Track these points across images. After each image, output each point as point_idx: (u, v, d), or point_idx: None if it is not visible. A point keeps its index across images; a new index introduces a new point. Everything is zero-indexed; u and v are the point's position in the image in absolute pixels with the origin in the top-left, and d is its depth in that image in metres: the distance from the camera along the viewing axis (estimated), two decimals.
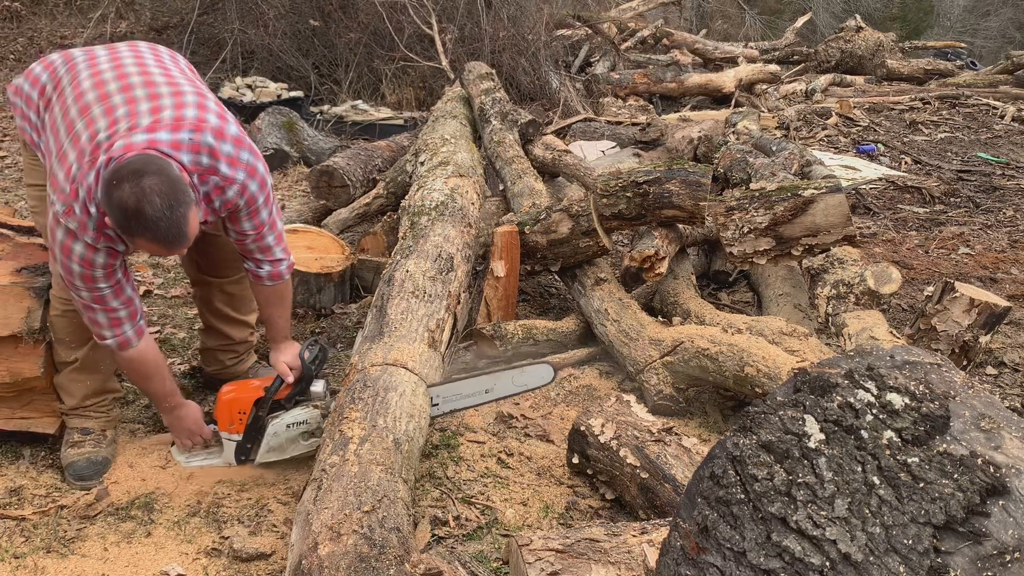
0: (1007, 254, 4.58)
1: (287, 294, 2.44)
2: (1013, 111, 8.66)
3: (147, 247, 1.96)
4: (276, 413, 2.35)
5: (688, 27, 14.96)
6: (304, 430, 2.34)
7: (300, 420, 2.34)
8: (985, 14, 23.09)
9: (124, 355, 2.19)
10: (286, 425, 2.33)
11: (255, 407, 2.33)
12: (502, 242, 3.22)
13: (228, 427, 2.36)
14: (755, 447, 1.05)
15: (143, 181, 1.84)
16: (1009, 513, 0.88)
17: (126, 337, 2.15)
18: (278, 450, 2.35)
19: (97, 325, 2.12)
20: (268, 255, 2.30)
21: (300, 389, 2.36)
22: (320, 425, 2.33)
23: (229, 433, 2.36)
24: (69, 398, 2.37)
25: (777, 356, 2.57)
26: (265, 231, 2.24)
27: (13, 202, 4.68)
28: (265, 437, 2.34)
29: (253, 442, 2.36)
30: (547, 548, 1.63)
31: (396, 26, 7.60)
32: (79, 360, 2.32)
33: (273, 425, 2.33)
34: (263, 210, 2.21)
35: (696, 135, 5.65)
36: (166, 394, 2.31)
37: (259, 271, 2.33)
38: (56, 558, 1.97)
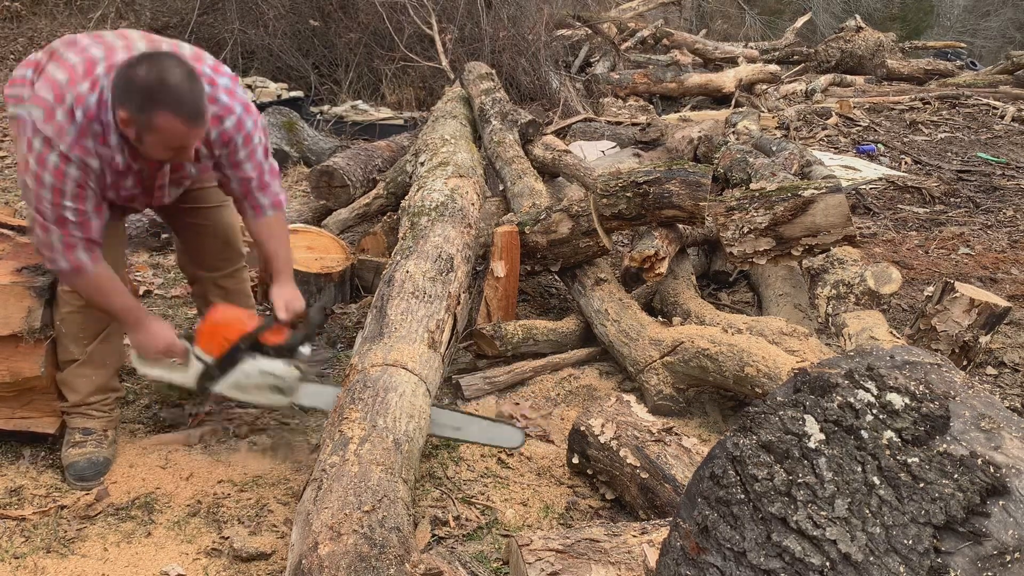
0: (1007, 254, 4.58)
1: (285, 227, 2.41)
2: (1013, 111, 8.66)
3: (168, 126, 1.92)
4: (254, 354, 2.23)
5: (688, 27, 14.96)
6: (274, 383, 2.25)
7: (275, 373, 2.24)
8: (985, 14, 23.08)
9: (80, 280, 2.12)
10: (260, 371, 2.23)
11: (240, 339, 2.22)
12: (502, 242, 3.22)
13: (207, 347, 2.24)
14: (755, 447, 1.05)
15: (161, 59, 1.91)
16: (1009, 513, 0.88)
17: (80, 262, 2.08)
18: (241, 390, 2.25)
19: (50, 249, 2.05)
20: (267, 193, 2.30)
21: (291, 343, 2.26)
22: (293, 387, 2.26)
23: (204, 352, 2.24)
24: (73, 394, 2.35)
25: (777, 356, 2.57)
26: (265, 171, 2.27)
27: (13, 202, 4.68)
28: (235, 372, 2.23)
29: (223, 372, 2.24)
30: (547, 548, 1.63)
31: (396, 26, 7.60)
32: (87, 355, 2.33)
33: (248, 364, 2.22)
34: (259, 149, 2.23)
35: (696, 135, 5.65)
36: (130, 308, 2.21)
37: (256, 203, 2.31)
38: (56, 558, 1.97)
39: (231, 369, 2.23)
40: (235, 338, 2.22)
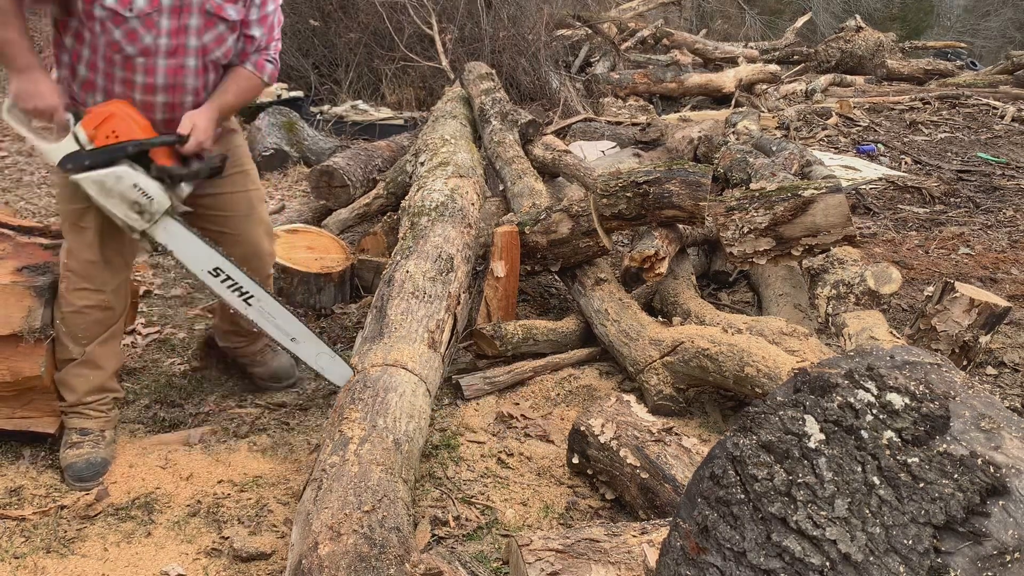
0: (1007, 254, 4.58)
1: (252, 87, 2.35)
2: (1013, 111, 8.66)
3: None
4: (135, 165, 2.10)
5: (688, 27, 14.96)
6: (139, 202, 2.10)
7: (148, 192, 2.10)
8: (985, 14, 23.08)
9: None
10: (132, 184, 2.09)
11: (129, 142, 2.08)
12: (502, 242, 3.22)
13: (91, 131, 2.07)
14: (755, 447, 1.05)
15: None
16: (1009, 513, 0.88)
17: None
18: (102, 192, 2.09)
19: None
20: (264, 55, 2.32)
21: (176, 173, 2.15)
22: (155, 215, 2.13)
23: (85, 136, 2.08)
24: (70, 393, 2.35)
25: (777, 356, 2.57)
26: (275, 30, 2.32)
27: (13, 202, 4.69)
28: (108, 170, 2.07)
29: (95, 164, 2.08)
30: (547, 548, 1.63)
31: (396, 26, 7.60)
32: (85, 355, 2.32)
33: (121, 170, 2.08)
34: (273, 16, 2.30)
35: (696, 135, 5.65)
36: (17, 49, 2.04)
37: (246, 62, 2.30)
38: (56, 558, 1.97)
39: (104, 166, 2.08)
40: (125, 138, 2.08)
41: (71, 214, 2.25)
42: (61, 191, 2.29)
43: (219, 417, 2.68)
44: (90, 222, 2.23)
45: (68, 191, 2.20)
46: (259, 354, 2.85)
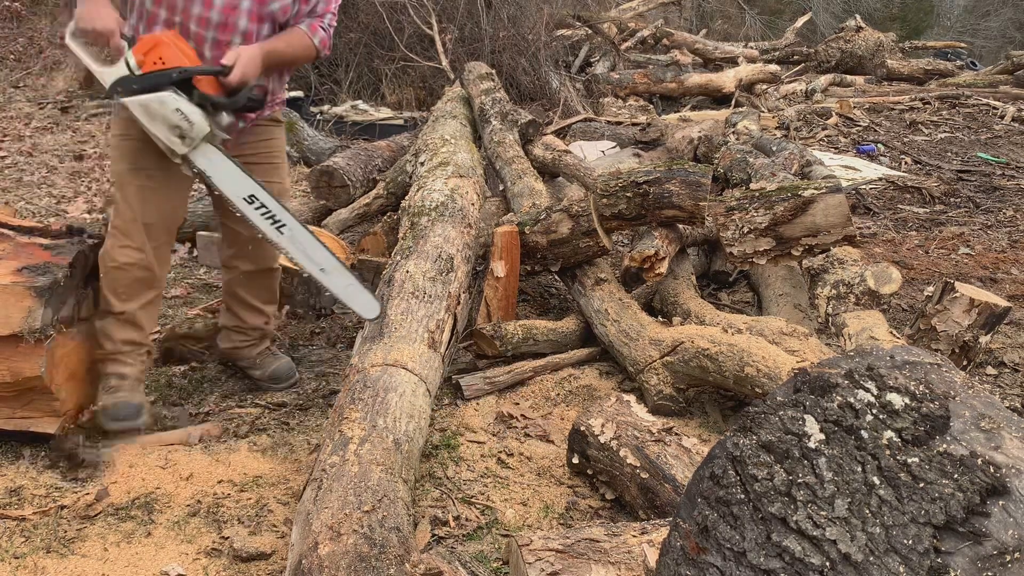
0: (1007, 254, 4.58)
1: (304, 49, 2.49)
2: (1013, 111, 8.66)
3: None
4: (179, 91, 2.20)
5: (688, 27, 14.96)
6: (180, 126, 2.21)
7: (190, 118, 2.21)
8: (985, 14, 23.09)
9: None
10: (176, 108, 2.20)
11: (176, 70, 2.19)
12: (502, 242, 3.22)
13: (139, 56, 2.20)
14: (755, 447, 1.05)
15: None
16: (1009, 513, 0.88)
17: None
18: (147, 115, 2.22)
19: None
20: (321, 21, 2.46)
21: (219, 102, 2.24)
22: (195, 140, 2.24)
23: (135, 61, 2.20)
24: (109, 342, 2.50)
25: (777, 356, 2.57)
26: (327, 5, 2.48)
27: (13, 202, 4.69)
28: (151, 96, 2.19)
29: (142, 88, 2.19)
30: (547, 548, 1.63)
31: (396, 26, 7.61)
32: (126, 314, 2.48)
33: (168, 95, 2.19)
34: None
35: (696, 135, 5.65)
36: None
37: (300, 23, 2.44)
38: (56, 558, 1.97)
39: (149, 91, 2.19)
40: (170, 64, 2.19)
41: (119, 173, 2.45)
42: (113, 151, 2.49)
43: (219, 417, 2.68)
44: (133, 180, 2.42)
45: (119, 151, 2.42)
46: (259, 357, 2.88)
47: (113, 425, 2.41)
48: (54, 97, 7.22)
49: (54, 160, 5.67)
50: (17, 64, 8.03)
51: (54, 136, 6.25)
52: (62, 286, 2.32)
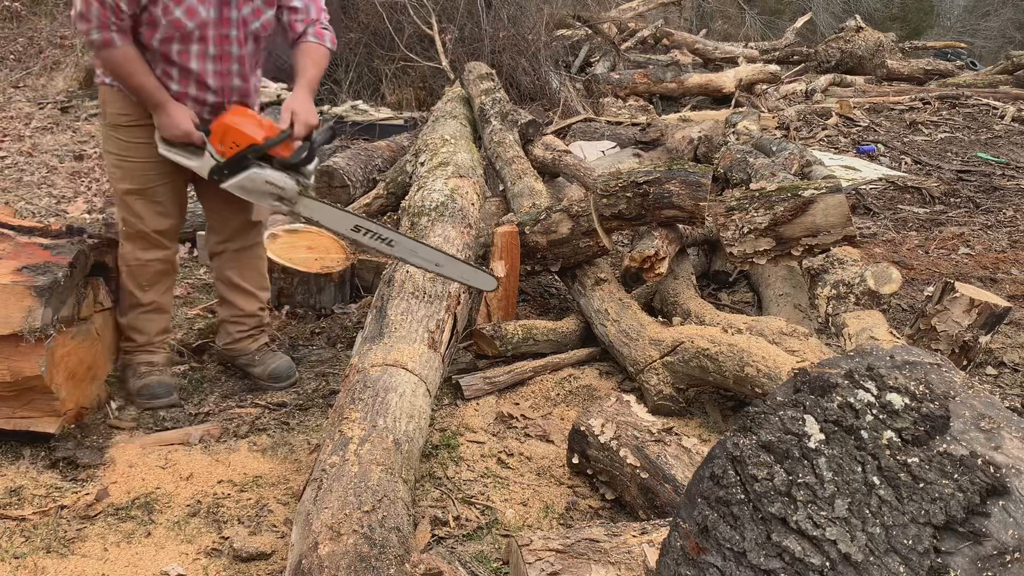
0: (1007, 254, 4.58)
1: (324, 60, 2.63)
2: (1013, 111, 8.66)
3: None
4: (263, 164, 2.42)
5: (688, 27, 14.96)
6: (275, 192, 2.45)
7: (279, 184, 2.43)
8: (985, 14, 23.09)
9: (109, 53, 2.38)
10: (264, 180, 2.42)
11: (248, 149, 2.39)
12: (502, 242, 3.22)
13: (218, 146, 2.43)
14: (755, 447, 1.05)
15: None
16: (1009, 513, 0.88)
17: (111, 37, 2.34)
18: (246, 192, 2.46)
19: (87, 21, 2.32)
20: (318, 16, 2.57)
21: (296, 159, 2.44)
22: (293, 198, 2.47)
23: (215, 151, 2.43)
24: (140, 335, 2.72)
25: (777, 356, 2.57)
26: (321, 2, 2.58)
27: (13, 202, 4.69)
28: (242, 175, 2.42)
29: (231, 172, 2.43)
30: (547, 548, 1.63)
31: (396, 26, 7.60)
32: (155, 302, 2.71)
33: (255, 172, 2.41)
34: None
35: (696, 135, 5.65)
36: (154, 88, 2.43)
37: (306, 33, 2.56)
38: (56, 558, 1.97)
39: (238, 173, 2.43)
40: (244, 146, 2.40)
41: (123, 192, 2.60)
42: (115, 171, 2.61)
43: (219, 417, 2.68)
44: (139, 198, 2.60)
45: (121, 172, 2.58)
46: (258, 353, 2.90)
47: (150, 404, 2.65)
48: (54, 97, 7.22)
49: (54, 160, 5.67)
50: (17, 64, 8.04)
51: (54, 136, 6.25)
52: (62, 286, 2.32)
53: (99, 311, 2.64)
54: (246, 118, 2.46)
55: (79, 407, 2.49)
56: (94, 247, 2.56)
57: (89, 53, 7.80)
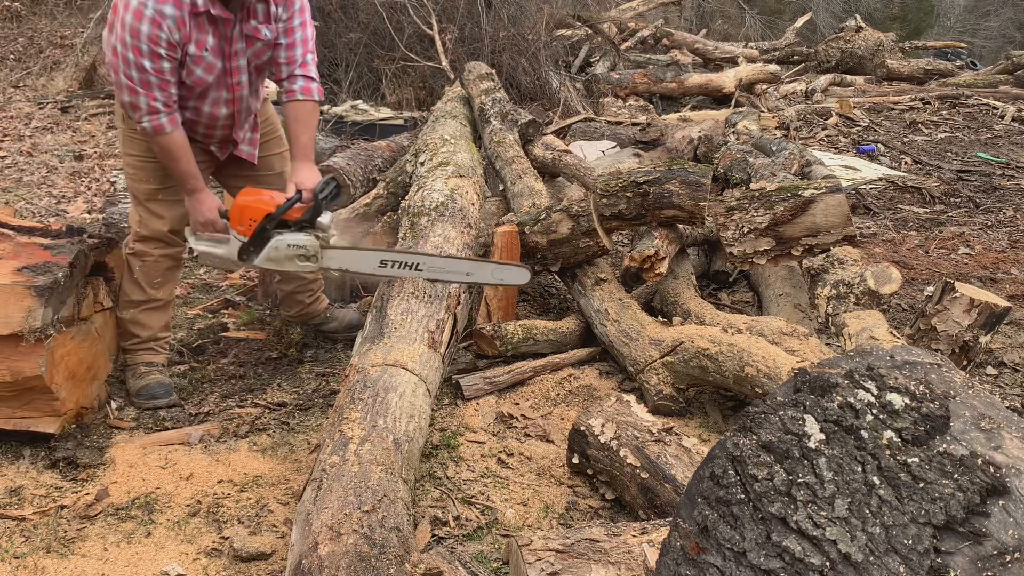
0: (1007, 254, 4.58)
1: (313, 116, 2.73)
2: (1013, 111, 8.66)
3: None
4: (281, 231, 2.57)
5: (688, 27, 14.96)
6: (301, 253, 2.58)
7: (300, 244, 2.57)
8: (985, 14, 23.09)
9: (158, 139, 2.51)
10: (287, 244, 2.56)
11: (264, 220, 2.54)
12: (502, 242, 3.22)
13: (238, 228, 2.59)
14: (755, 447, 1.05)
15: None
16: (1009, 513, 0.88)
17: (161, 124, 2.47)
18: (275, 262, 2.60)
19: (137, 111, 2.45)
20: (305, 69, 2.65)
21: (309, 216, 2.56)
22: (316, 253, 2.60)
23: (237, 233, 2.59)
24: (144, 330, 2.77)
25: (777, 356, 2.57)
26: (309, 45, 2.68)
27: (13, 202, 4.69)
28: (266, 248, 2.56)
29: (256, 248, 2.58)
30: (547, 548, 1.63)
31: (396, 26, 7.60)
32: (161, 300, 2.78)
33: (276, 240, 2.56)
34: (308, 28, 2.68)
35: (696, 135, 5.65)
36: (191, 175, 2.59)
37: (293, 87, 2.64)
38: (56, 558, 1.97)
39: (263, 246, 2.57)
40: (260, 219, 2.55)
41: (144, 192, 2.69)
42: (135, 171, 2.68)
43: (219, 417, 2.68)
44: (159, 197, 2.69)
45: (143, 172, 2.67)
46: (327, 311, 3.20)
47: (150, 404, 2.69)
48: (54, 97, 7.22)
49: (54, 160, 5.67)
50: (17, 64, 8.03)
51: (54, 136, 6.25)
52: (62, 286, 2.32)
53: (99, 311, 2.64)
54: (256, 196, 2.60)
55: (79, 407, 2.49)
56: (94, 247, 2.57)
57: (89, 53, 7.81)
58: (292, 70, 2.65)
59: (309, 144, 2.69)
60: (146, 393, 2.71)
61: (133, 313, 2.76)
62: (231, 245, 2.62)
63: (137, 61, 2.37)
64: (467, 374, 2.93)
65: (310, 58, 2.68)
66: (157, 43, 2.36)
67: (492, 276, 2.89)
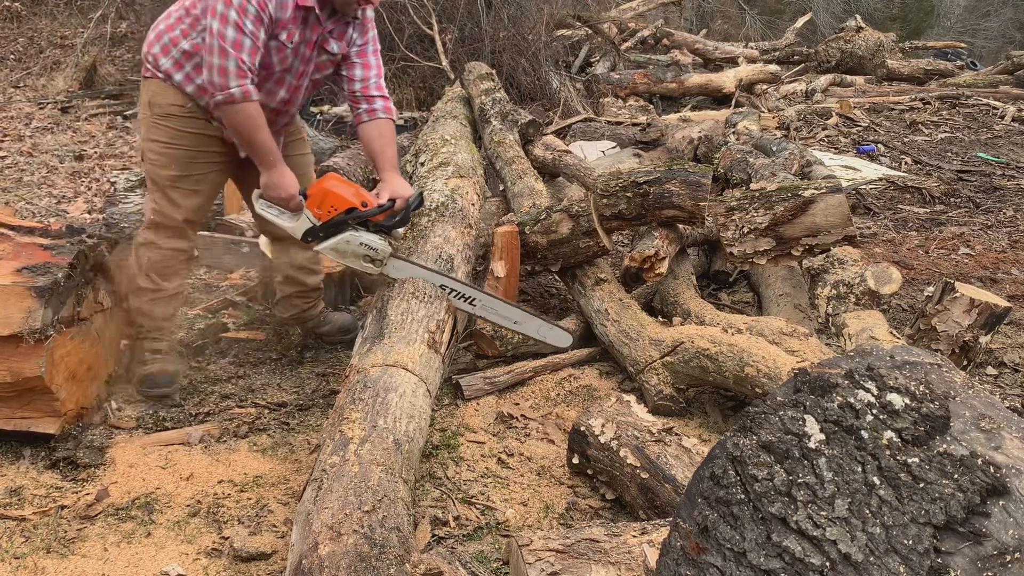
0: (1007, 254, 4.58)
1: (394, 133, 2.82)
2: (1013, 111, 8.66)
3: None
4: (358, 228, 2.59)
5: (688, 27, 14.96)
6: (368, 254, 2.62)
7: (373, 246, 2.60)
8: (985, 14, 23.09)
9: (244, 106, 2.47)
10: (360, 242, 2.59)
11: (346, 212, 2.55)
12: (502, 242, 3.22)
13: (315, 209, 2.58)
14: (755, 447, 1.05)
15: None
16: (1009, 513, 0.88)
17: (249, 89, 2.46)
18: (339, 254, 2.63)
19: (225, 75, 2.43)
20: (383, 91, 2.77)
21: (389, 223, 2.61)
22: (384, 259, 2.64)
23: (312, 214, 2.59)
24: (148, 320, 2.78)
25: (777, 356, 2.57)
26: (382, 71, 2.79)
27: (13, 202, 4.69)
28: (337, 238, 2.59)
29: (327, 234, 2.60)
30: (547, 548, 1.63)
31: (396, 26, 7.60)
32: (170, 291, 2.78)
33: (350, 235, 2.58)
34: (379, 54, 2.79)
35: (696, 135, 5.65)
36: (270, 149, 2.58)
37: (374, 107, 2.75)
38: (56, 558, 1.97)
39: (334, 235, 2.59)
40: (342, 209, 2.55)
41: (166, 178, 2.68)
42: (158, 157, 2.67)
43: (219, 417, 2.68)
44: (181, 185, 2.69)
45: (166, 158, 2.65)
46: (322, 314, 3.19)
47: (152, 392, 2.71)
48: (54, 97, 7.22)
49: (54, 160, 5.67)
50: (17, 64, 8.03)
51: (54, 136, 6.25)
52: (62, 286, 2.32)
53: (99, 311, 2.64)
54: (344, 185, 2.62)
55: (79, 407, 2.49)
56: (94, 247, 2.56)
57: (89, 53, 7.81)
58: (371, 91, 2.74)
59: (394, 157, 2.77)
60: (149, 383, 2.74)
61: (140, 302, 2.78)
62: (300, 222, 2.62)
63: (239, 20, 2.39)
64: (467, 374, 2.94)
65: (383, 82, 2.80)
66: (264, 8, 2.41)
67: (537, 333, 2.94)
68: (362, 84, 2.74)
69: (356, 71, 2.74)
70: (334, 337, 3.21)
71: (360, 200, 2.57)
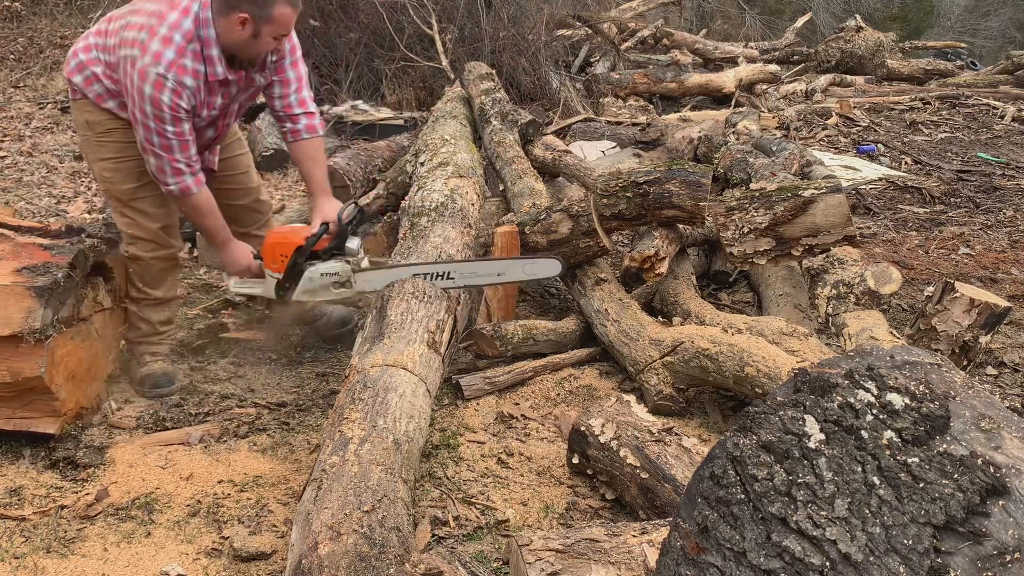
0: (1007, 254, 4.58)
1: (322, 150, 2.85)
2: (1013, 111, 8.66)
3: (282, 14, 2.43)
4: (312, 262, 2.67)
5: (688, 27, 14.95)
6: (335, 280, 2.68)
7: (332, 271, 2.67)
8: (985, 14, 23.09)
9: (187, 200, 2.60)
10: (320, 274, 2.66)
11: (295, 253, 2.64)
12: (502, 242, 3.22)
13: (271, 265, 2.70)
14: (755, 447, 1.05)
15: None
16: (1009, 513, 0.88)
17: (187, 185, 2.57)
18: (311, 293, 2.70)
19: (163, 174, 2.54)
20: (305, 107, 2.76)
21: (336, 244, 2.66)
22: (350, 278, 2.69)
23: (271, 271, 2.71)
24: (145, 324, 2.82)
25: (777, 356, 2.57)
26: (304, 81, 2.77)
27: (13, 202, 4.69)
28: (301, 281, 2.67)
29: (291, 282, 2.69)
30: (547, 548, 1.63)
31: (396, 26, 7.60)
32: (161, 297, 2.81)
33: (309, 272, 2.67)
34: (300, 62, 2.76)
35: (696, 135, 5.65)
36: (220, 229, 2.71)
37: (297, 127, 2.76)
38: (56, 558, 1.97)
39: (297, 279, 2.67)
40: (290, 253, 2.65)
41: (127, 192, 2.70)
42: (112, 174, 2.69)
43: (219, 417, 2.68)
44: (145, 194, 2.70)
45: (120, 173, 2.68)
46: (313, 309, 3.19)
47: (152, 392, 2.74)
48: (54, 97, 7.22)
49: (54, 160, 5.67)
50: (17, 64, 8.03)
51: (54, 136, 6.25)
52: (62, 286, 2.32)
53: (99, 311, 2.64)
54: (283, 233, 2.75)
55: (79, 407, 2.49)
56: (94, 247, 2.56)
57: None
58: (293, 110, 2.75)
59: (324, 178, 2.80)
60: (149, 382, 2.77)
61: (136, 307, 2.82)
62: (268, 283, 2.74)
63: (159, 128, 2.46)
64: (467, 374, 2.94)
65: (307, 95, 2.79)
66: (177, 111, 2.46)
67: (524, 272, 2.91)
68: (282, 101, 2.76)
69: (275, 88, 2.75)
70: (332, 330, 3.22)
71: (301, 237, 2.66)
